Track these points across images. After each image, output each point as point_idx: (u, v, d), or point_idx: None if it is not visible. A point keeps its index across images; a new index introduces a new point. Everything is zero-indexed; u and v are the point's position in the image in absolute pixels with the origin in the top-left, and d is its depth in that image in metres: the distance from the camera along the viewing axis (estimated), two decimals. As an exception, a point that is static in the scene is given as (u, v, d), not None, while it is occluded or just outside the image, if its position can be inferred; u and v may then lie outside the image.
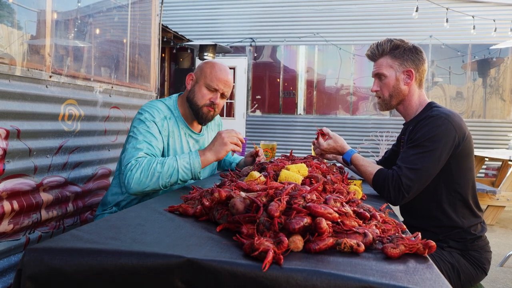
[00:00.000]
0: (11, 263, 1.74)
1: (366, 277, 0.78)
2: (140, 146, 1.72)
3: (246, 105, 8.75)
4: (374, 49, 1.83)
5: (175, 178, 1.66)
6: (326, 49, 8.42)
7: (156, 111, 1.85)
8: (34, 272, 0.86)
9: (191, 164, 1.67)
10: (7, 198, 1.69)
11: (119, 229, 1.04)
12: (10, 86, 1.70)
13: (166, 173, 1.64)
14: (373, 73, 1.86)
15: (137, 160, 1.67)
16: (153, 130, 1.80)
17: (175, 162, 1.66)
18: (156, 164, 1.64)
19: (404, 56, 1.77)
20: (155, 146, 1.77)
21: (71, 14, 2.36)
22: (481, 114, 7.92)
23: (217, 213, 1.12)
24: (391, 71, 1.78)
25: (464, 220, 1.70)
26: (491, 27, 6.83)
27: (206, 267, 0.83)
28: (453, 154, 1.65)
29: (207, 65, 1.94)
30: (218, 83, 1.89)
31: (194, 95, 1.92)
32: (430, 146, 1.62)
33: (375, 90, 1.85)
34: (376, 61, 1.84)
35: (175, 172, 1.65)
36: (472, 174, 1.73)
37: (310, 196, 1.02)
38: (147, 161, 1.66)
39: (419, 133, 1.67)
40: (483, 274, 1.71)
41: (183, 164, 1.66)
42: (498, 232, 4.58)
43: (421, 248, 0.93)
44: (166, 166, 1.64)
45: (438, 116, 1.66)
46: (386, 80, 1.80)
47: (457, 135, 1.64)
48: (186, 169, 1.67)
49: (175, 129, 1.92)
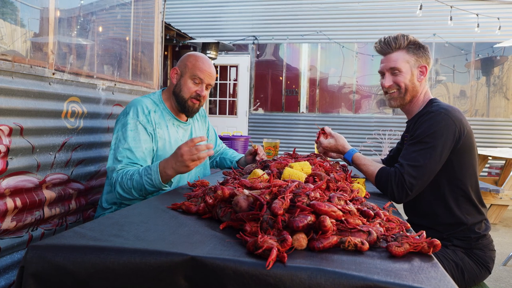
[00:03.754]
0: (14, 260, 1.75)
1: (371, 276, 0.77)
2: (120, 157, 1.76)
3: (249, 103, 8.74)
4: (390, 42, 1.75)
5: (146, 192, 1.68)
6: (329, 47, 8.39)
7: (140, 108, 1.88)
8: (36, 269, 0.86)
9: (153, 181, 1.64)
10: (10, 195, 1.69)
11: (122, 227, 1.03)
12: (13, 83, 1.70)
13: (137, 188, 1.67)
14: (386, 67, 1.78)
15: (117, 173, 1.73)
16: (136, 133, 1.82)
17: (140, 179, 1.66)
18: (127, 181, 1.69)
19: (419, 52, 1.75)
20: (137, 151, 1.79)
21: (74, 11, 2.35)
22: (485, 112, 7.88)
23: (221, 211, 1.11)
24: (407, 66, 1.75)
25: (468, 216, 1.68)
26: (495, 25, 6.79)
27: (209, 265, 0.82)
28: (454, 149, 1.64)
29: (190, 58, 1.96)
30: (203, 75, 1.92)
31: (180, 88, 1.94)
32: (431, 142, 1.61)
33: (389, 85, 1.78)
34: (389, 54, 1.77)
35: (143, 187, 1.66)
36: (474, 170, 1.71)
37: (314, 194, 1.01)
38: (121, 178, 1.70)
39: (419, 130, 1.66)
40: (487, 272, 1.70)
41: (146, 180, 1.65)
42: (501, 231, 4.56)
43: (425, 246, 0.93)
44: (134, 183, 1.67)
45: (437, 111, 1.65)
46: (402, 75, 1.75)
47: (457, 129, 1.63)
48: (150, 184, 1.65)
49: (161, 121, 1.94)
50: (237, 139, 5.18)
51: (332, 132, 1.95)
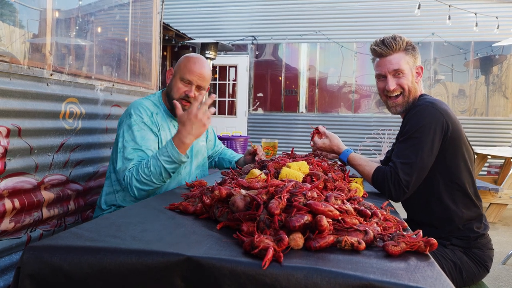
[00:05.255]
0: (12, 261, 1.75)
1: (367, 275, 0.77)
2: (130, 156, 1.76)
3: (248, 103, 8.74)
4: (391, 43, 1.70)
5: (166, 173, 1.69)
6: (328, 47, 8.39)
7: (143, 110, 1.88)
8: (33, 270, 0.86)
9: (172, 156, 1.68)
10: (8, 196, 1.69)
11: (119, 227, 1.03)
12: (11, 84, 1.70)
13: (156, 173, 1.68)
14: (389, 70, 1.73)
15: (130, 171, 1.73)
16: (143, 133, 1.82)
17: (157, 161, 1.68)
18: (144, 170, 1.69)
19: (415, 53, 1.77)
20: (146, 149, 1.79)
21: (72, 12, 2.35)
22: (484, 111, 7.88)
23: (218, 211, 1.11)
24: (407, 67, 1.74)
25: (464, 211, 1.68)
26: (494, 24, 6.79)
27: (206, 265, 0.82)
28: (444, 140, 1.63)
29: (183, 59, 1.96)
30: (192, 76, 1.90)
31: (171, 89, 1.94)
32: (420, 136, 1.61)
33: (394, 88, 1.73)
34: (389, 56, 1.72)
35: (162, 169, 1.68)
36: (466, 162, 1.69)
37: (311, 193, 1.01)
38: (136, 170, 1.71)
39: (408, 126, 1.67)
40: (486, 272, 1.70)
41: (164, 159, 1.68)
42: (500, 230, 4.56)
43: (422, 245, 0.93)
44: (152, 168, 1.68)
45: (423, 105, 1.66)
46: (405, 77, 1.73)
47: (445, 119, 1.63)
48: (169, 162, 1.68)
49: (163, 123, 1.95)
50: (236, 139, 5.19)
51: (326, 131, 1.93)
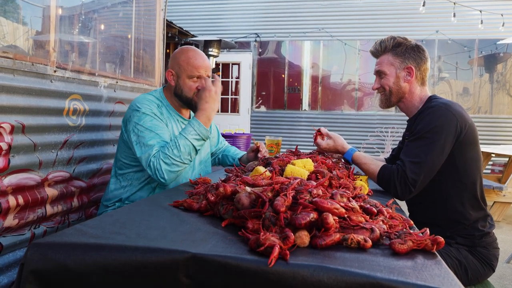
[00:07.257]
0: (16, 258, 1.75)
1: (374, 273, 0.76)
2: (151, 142, 1.77)
3: (251, 101, 8.73)
4: (377, 46, 1.84)
5: (194, 151, 1.78)
6: (331, 45, 8.36)
7: (150, 103, 1.89)
8: (37, 266, 0.86)
9: (201, 133, 1.78)
10: (12, 193, 1.69)
11: (124, 224, 1.03)
12: (15, 80, 1.69)
13: (185, 152, 1.74)
14: (374, 71, 1.87)
15: (155, 156, 1.73)
16: (155, 121, 1.84)
17: (186, 140, 1.75)
18: (173, 150, 1.72)
19: (406, 54, 1.77)
20: (163, 134, 1.81)
21: (76, 9, 2.35)
22: (488, 109, 7.85)
23: (222, 208, 1.11)
24: (391, 68, 1.79)
25: (471, 212, 1.67)
26: (499, 22, 6.74)
27: (211, 262, 0.82)
28: (456, 143, 1.62)
29: (182, 57, 1.94)
30: (199, 70, 1.92)
31: (181, 90, 1.94)
32: (432, 137, 1.60)
33: (376, 87, 1.86)
34: (378, 58, 1.85)
35: (191, 147, 1.75)
36: (477, 165, 1.69)
37: (316, 191, 1.00)
38: (163, 154, 1.72)
39: (419, 126, 1.65)
40: (491, 270, 1.69)
41: (193, 138, 1.76)
42: (504, 229, 4.54)
43: (429, 244, 0.92)
44: (181, 148, 1.73)
45: (437, 106, 1.65)
46: (386, 78, 1.80)
47: (459, 122, 1.61)
48: (197, 139, 1.77)
49: (168, 116, 1.96)
50: (239, 136, 5.18)
51: (329, 132, 1.92)
